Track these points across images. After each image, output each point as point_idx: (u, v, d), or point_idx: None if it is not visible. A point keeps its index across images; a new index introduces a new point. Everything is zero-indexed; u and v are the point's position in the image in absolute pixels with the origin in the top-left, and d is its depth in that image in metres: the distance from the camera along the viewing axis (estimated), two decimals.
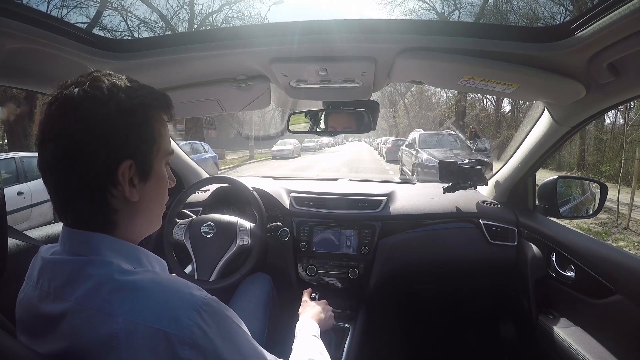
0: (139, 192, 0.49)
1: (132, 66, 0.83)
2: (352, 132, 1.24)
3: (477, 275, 1.35)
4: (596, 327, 0.93)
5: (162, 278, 0.46)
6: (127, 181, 0.47)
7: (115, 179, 0.46)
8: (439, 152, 7.71)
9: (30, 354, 0.43)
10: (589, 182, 1.33)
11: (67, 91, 0.45)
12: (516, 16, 15.12)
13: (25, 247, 0.88)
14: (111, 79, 0.48)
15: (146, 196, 0.51)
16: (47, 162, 0.46)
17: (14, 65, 0.73)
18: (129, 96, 0.47)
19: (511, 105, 18.16)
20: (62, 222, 0.49)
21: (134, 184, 0.48)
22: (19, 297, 0.51)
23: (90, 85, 0.46)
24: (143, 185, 0.50)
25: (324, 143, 26.50)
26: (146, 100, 0.49)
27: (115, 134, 0.46)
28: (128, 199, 0.48)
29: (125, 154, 0.47)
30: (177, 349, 0.41)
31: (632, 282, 0.82)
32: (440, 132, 9.88)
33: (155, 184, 0.52)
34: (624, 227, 5.26)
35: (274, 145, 18.00)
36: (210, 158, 9.49)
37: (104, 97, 0.45)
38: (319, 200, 1.40)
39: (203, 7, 17.53)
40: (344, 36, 0.76)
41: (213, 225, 1.19)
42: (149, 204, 0.52)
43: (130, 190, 0.48)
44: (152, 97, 0.50)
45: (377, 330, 1.36)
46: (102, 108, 0.45)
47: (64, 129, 0.45)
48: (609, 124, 10.99)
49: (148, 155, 0.50)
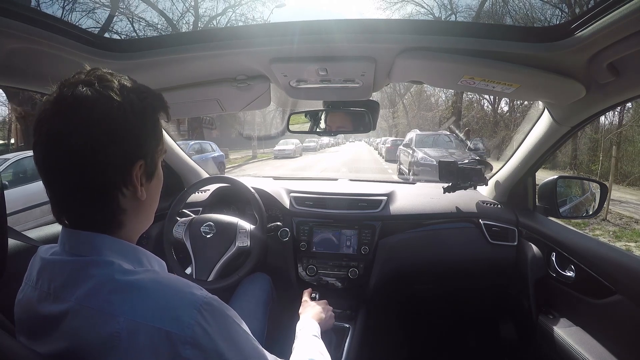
0: (145, 191, 0.50)
1: (132, 66, 0.83)
2: (353, 132, 1.24)
3: (477, 275, 1.35)
4: (596, 327, 0.93)
5: (162, 278, 0.46)
6: (139, 181, 0.48)
7: (129, 179, 0.47)
8: (435, 151, 8.03)
9: (31, 354, 0.43)
10: (589, 182, 1.33)
11: (76, 90, 0.44)
12: (512, 20, 15.21)
13: (25, 247, 0.88)
14: (119, 79, 0.48)
15: (150, 194, 0.52)
16: (54, 161, 0.44)
17: (14, 65, 0.73)
18: (139, 97, 0.48)
19: (509, 106, 18.24)
20: (60, 223, 0.49)
21: (141, 183, 0.49)
22: (18, 297, 0.51)
23: (100, 85, 0.45)
24: (148, 184, 0.51)
25: (325, 143, 26.73)
26: (153, 101, 0.50)
27: (131, 135, 0.46)
28: (138, 198, 0.49)
29: (139, 154, 0.48)
30: (179, 348, 0.41)
31: (632, 282, 0.82)
32: (436, 133, 10.15)
33: (156, 182, 0.53)
34: (602, 219, 5.49)
35: (276, 145, 18.11)
36: (217, 157, 9.82)
37: (117, 98, 0.45)
38: (319, 200, 1.40)
39: (207, 10, 17.59)
40: (344, 36, 0.76)
41: (213, 225, 1.19)
42: (150, 202, 0.53)
43: (140, 189, 0.49)
44: (155, 98, 0.51)
45: (377, 330, 1.36)
46: (118, 109, 0.45)
47: (76, 129, 0.43)
48: (603, 125, 11.43)
49: (155, 155, 0.51)
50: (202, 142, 9.97)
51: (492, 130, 17.77)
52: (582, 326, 0.98)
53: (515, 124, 16.01)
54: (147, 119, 0.48)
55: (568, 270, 1.04)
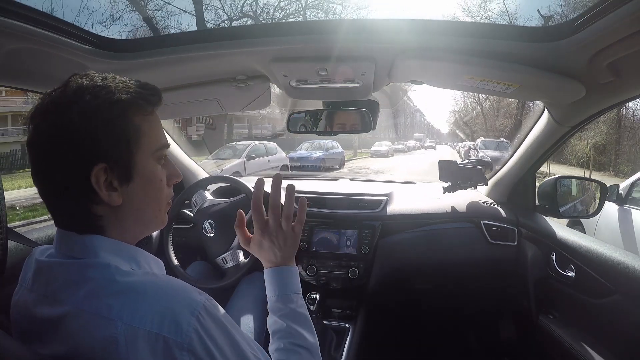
0: (122, 195, 0.47)
1: (132, 66, 0.83)
2: (353, 132, 1.23)
3: (477, 275, 1.35)
4: (596, 327, 0.93)
5: (161, 281, 0.46)
6: (105, 185, 0.45)
7: (89, 185, 0.44)
8: (492, 152, 11.00)
9: (31, 355, 0.43)
10: (589, 182, 1.33)
11: (42, 101, 0.45)
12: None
13: (24, 249, 0.88)
14: (81, 80, 0.46)
15: (133, 197, 0.48)
16: (33, 171, 0.46)
17: (14, 65, 0.73)
18: (94, 96, 0.44)
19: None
20: (55, 224, 0.49)
21: (114, 187, 0.46)
22: (13, 299, 0.50)
23: (59, 91, 0.45)
24: (126, 187, 0.47)
25: (412, 146, 29.38)
26: (114, 97, 0.45)
27: (81, 138, 0.44)
28: (109, 203, 0.46)
29: (95, 157, 0.44)
30: (176, 354, 0.40)
31: (632, 282, 0.82)
32: (498, 140, 14.12)
33: (143, 183, 0.49)
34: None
35: (372, 146, 21.94)
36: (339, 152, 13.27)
37: (67, 102, 0.44)
38: (319, 200, 1.40)
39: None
40: (344, 36, 0.76)
41: (213, 223, 1.20)
42: (140, 205, 0.50)
43: (109, 194, 0.46)
44: (125, 91, 0.46)
45: (377, 330, 1.36)
46: (64, 114, 0.44)
47: (37, 140, 0.45)
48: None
49: (125, 155, 0.47)
50: (267, 142, 10.66)
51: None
52: (582, 326, 0.98)
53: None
54: (100, 118, 0.44)
55: (568, 270, 1.04)
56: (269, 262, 0.64)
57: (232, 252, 1.18)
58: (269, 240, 0.63)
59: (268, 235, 0.63)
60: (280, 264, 0.64)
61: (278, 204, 0.64)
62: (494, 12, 18.68)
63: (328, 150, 12.66)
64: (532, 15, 14.53)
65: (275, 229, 0.63)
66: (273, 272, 0.64)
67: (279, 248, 0.63)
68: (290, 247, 0.64)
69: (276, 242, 0.63)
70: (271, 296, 0.63)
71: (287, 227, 0.63)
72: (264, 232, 0.63)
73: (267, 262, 0.65)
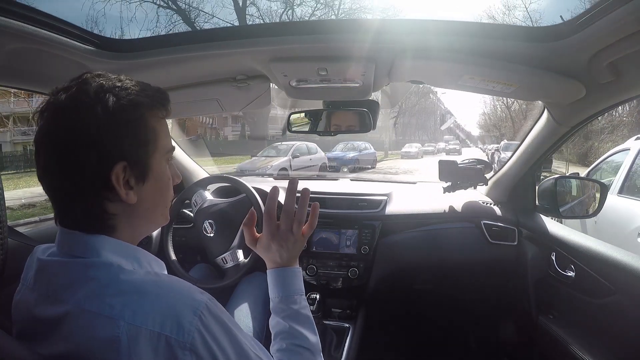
0: (137, 194, 0.48)
1: (133, 66, 0.83)
2: (353, 132, 1.23)
3: (477, 275, 1.35)
4: (596, 327, 0.93)
5: (163, 281, 0.46)
6: (123, 184, 0.46)
7: (109, 183, 0.45)
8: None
9: (31, 355, 0.43)
10: (589, 182, 1.33)
11: (55, 98, 0.45)
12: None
13: (25, 247, 0.88)
14: (99, 80, 0.46)
15: (146, 197, 0.50)
16: (42, 169, 0.46)
17: (14, 65, 0.73)
18: (117, 96, 0.46)
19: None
20: (56, 222, 0.49)
21: (130, 185, 0.47)
22: (15, 299, 0.50)
23: (77, 90, 0.45)
24: (141, 186, 0.49)
25: (441, 148, 29.47)
26: (136, 98, 0.47)
27: (105, 137, 0.45)
28: (125, 202, 0.47)
29: (117, 156, 0.46)
30: (178, 353, 0.41)
31: (632, 282, 0.82)
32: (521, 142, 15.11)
33: (155, 183, 0.51)
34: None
35: (403, 148, 23.50)
36: (372, 153, 13.97)
37: (90, 101, 0.44)
38: (319, 200, 1.40)
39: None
40: (344, 36, 0.76)
41: (214, 223, 1.20)
42: (149, 204, 0.51)
43: (127, 192, 0.47)
44: (144, 94, 0.48)
45: (377, 330, 1.36)
46: (88, 113, 0.44)
47: (54, 138, 0.45)
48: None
49: (143, 155, 0.48)
50: (308, 143, 11.32)
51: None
52: (582, 326, 0.98)
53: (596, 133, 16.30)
54: (124, 118, 0.46)
55: (568, 270, 1.04)
56: (274, 262, 0.64)
57: (232, 252, 1.18)
58: (277, 244, 0.62)
59: (278, 240, 0.62)
60: (284, 265, 0.64)
61: (292, 210, 0.63)
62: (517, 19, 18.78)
63: (362, 151, 13.39)
64: (555, 20, 14.48)
65: (285, 233, 0.62)
66: (277, 272, 0.63)
67: (286, 250, 0.63)
68: (296, 250, 0.64)
69: (285, 245, 0.62)
70: (274, 297, 0.63)
71: (298, 231, 0.63)
72: (274, 236, 0.62)
73: (271, 263, 0.65)
